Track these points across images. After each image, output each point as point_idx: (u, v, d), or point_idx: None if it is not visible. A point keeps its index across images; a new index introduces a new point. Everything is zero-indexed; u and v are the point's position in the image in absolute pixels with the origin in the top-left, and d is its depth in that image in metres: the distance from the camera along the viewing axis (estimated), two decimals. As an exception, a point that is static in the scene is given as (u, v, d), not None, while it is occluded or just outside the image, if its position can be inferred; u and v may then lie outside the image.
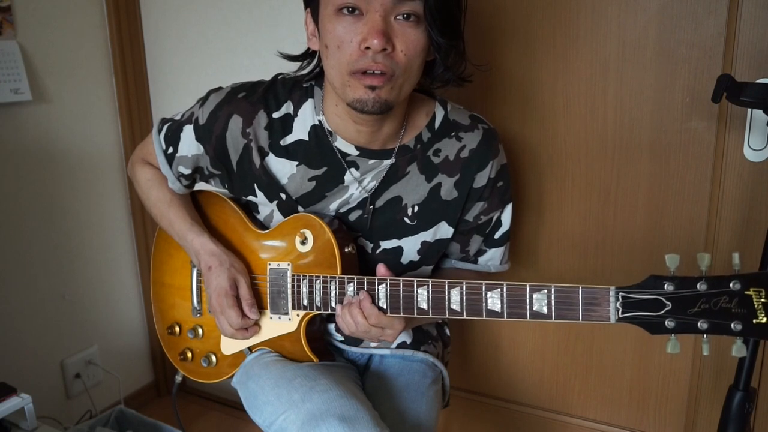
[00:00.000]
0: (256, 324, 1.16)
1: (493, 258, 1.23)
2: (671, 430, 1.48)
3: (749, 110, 1.23)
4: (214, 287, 1.13)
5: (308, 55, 1.11)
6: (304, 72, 1.12)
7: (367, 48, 0.93)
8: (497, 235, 1.22)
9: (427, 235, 1.16)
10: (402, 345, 1.26)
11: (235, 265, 1.15)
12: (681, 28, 1.25)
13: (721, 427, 1.09)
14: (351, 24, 0.94)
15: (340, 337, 1.24)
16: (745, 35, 1.20)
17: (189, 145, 1.16)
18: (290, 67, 1.15)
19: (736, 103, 1.04)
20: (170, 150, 1.20)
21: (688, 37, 1.25)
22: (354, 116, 1.03)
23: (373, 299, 1.02)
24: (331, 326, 1.24)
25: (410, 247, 1.16)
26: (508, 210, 1.21)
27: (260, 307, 1.17)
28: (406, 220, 1.14)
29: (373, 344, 1.24)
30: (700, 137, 1.29)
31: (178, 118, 1.20)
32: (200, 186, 1.28)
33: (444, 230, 1.16)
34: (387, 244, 1.15)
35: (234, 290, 1.13)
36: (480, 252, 1.23)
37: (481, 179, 1.14)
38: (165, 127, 1.21)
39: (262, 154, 1.12)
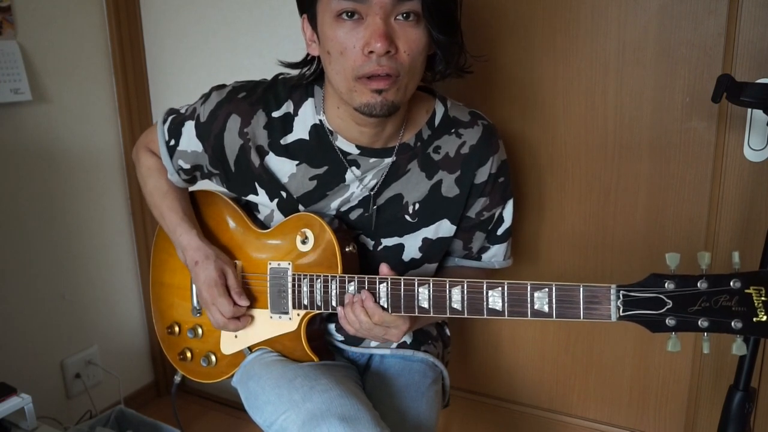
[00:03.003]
0: (249, 314, 1.17)
1: (496, 254, 1.24)
2: (671, 430, 1.48)
3: (749, 110, 1.23)
4: (203, 280, 1.14)
5: (308, 61, 1.10)
6: (305, 73, 1.11)
7: (371, 52, 0.92)
8: (500, 232, 1.22)
9: (429, 232, 1.16)
10: (402, 345, 1.26)
11: (221, 257, 1.16)
12: (681, 28, 1.25)
13: (721, 427, 1.09)
14: (351, 29, 0.93)
15: (340, 337, 1.24)
16: (745, 35, 1.20)
17: (189, 140, 1.17)
18: (293, 70, 1.15)
19: (736, 103, 1.04)
20: (172, 142, 1.20)
21: (688, 37, 1.25)
22: (358, 118, 1.03)
23: (375, 298, 1.02)
24: (332, 326, 1.24)
25: (411, 244, 1.16)
26: (509, 206, 1.21)
27: (260, 306, 1.17)
28: (407, 217, 1.14)
29: (373, 344, 1.24)
30: (700, 137, 1.29)
31: (182, 111, 1.21)
32: (203, 185, 1.28)
33: (446, 228, 1.16)
34: (388, 242, 1.15)
35: (223, 280, 1.14)
36: (483, 249, 1.23)
37: (482, 175, 1.14)
38: (170, 119, 1.22)
39: (262, 154, 1.12)
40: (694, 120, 1.29)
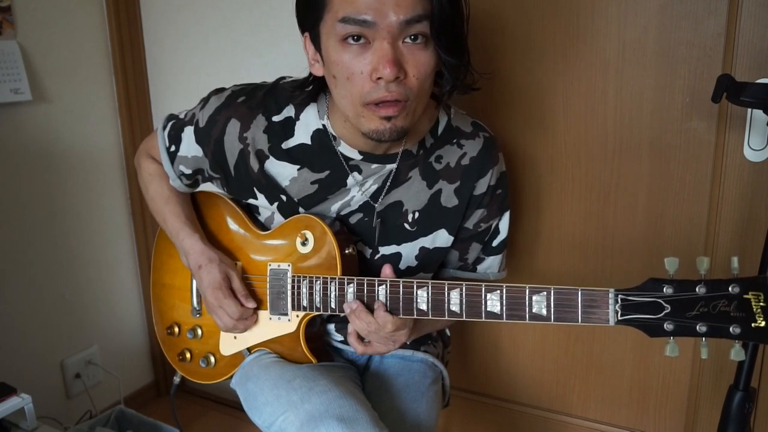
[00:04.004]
0: (254, 314, 1.17)
1: (491, 266, 1.23)
2: (671, 430, 1.48)
3: (749, 110, 1.23)
4: (207, 283, 1.14)
5: (311, 81, 1.07)
6: (309, 81, 1.08)
7: (379, 78, 0.90)
8: (495, 243, 1.21)
9: (426, 242, 1.15)
10: (402, 345, 1.25)
11: (224, 261, 1.16)
12: (681, 28, 1.25)
13: (721, 427, 1.08)
14: (358, 54, 0.91)
15: (339, 337, 1.24)
16: (745, 35, 1.20)
17: (189, 146, 1.16)
18: (293, 70, 1.15)
19: (736, 103, 1.04)
20: (172, 148, 1.20)
21: (688, 37, 1.25)
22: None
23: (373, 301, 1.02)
24: (331, 326, 1.24)
25: (409, 252, 1.15)
26: (506, 218, 1.21)
27: (260, 308, 1.17)
28: (406, 226, 1.14)
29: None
30: (700, 137, 1.29)
31: (182, 116, 1.20)
32: (203, 186, 1.28)
33: (443, 238, 1.16)
34: (386, 250, 1.15)
35: (227, 283, 1.14)
36: (478, 260, 1.23)
37: (481, 186, 1.14)
38: (169, 125, 1.21)
39: (261, 158, 1.11)
40: (694, 120, 1.29)
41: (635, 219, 1.39)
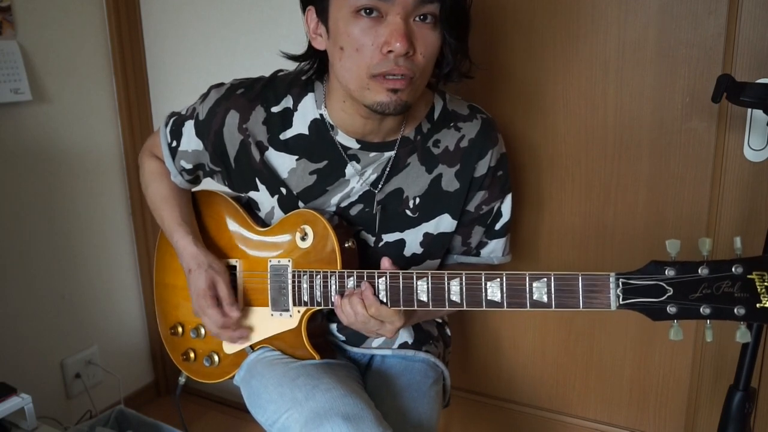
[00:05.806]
0: (246, 326, 1.17)
1: (495, 250, 1.23)
2: (671, 430, 1.48)
3: (749, 110, 1.23)
4: (194, 290, 1.15)
5: (310, 54, 1.09)
6: (305, 68, 1.10)
7: (390, 51, 0.92)
8: (498, 226, 1.22)
9: (429, 227, 1.16)
10: (404, 345, 1.26)
11: (213, 266, 1.15)
12: (681, 28, 1.26)
13: (721, 427, 1.08)
14: (370, 26, 0.92)
15: (342, 337, 1.24)
16: (745, 35, 1.20)
17: (190, 140, 1.17)
18: (290, 65, 1.15)
19: (736, 103, 1.04)
20: (174, 143, 1.21)
21: (688, 37, 1.25)
22: (364, 112, 1.02)
23: (375, 291, 1.02)
24: (333, 326, 1.24)
25: (412, 239, 1.16)
26: (508, 200, 1.21)
27: (261, 305, 1.17)
28: (408, 212, 1.14)
29: (375, 344, 1.24)
30: (700, 137, 1.29)
31: (183, 112, 1.21)
32: (205, 184, 1.28)
33: (446, 223, 1.16)
34: (389, 237, 1.15)
35: (212, 290, 1.13)
36: (482, 244, 1.23)
37: (481, 168, 1.14)
38: (171, 121, 1.22)
39: (262, 149, 1.12)
40: (694, 120, 1.29)
41: (635, 219, 1.39)
